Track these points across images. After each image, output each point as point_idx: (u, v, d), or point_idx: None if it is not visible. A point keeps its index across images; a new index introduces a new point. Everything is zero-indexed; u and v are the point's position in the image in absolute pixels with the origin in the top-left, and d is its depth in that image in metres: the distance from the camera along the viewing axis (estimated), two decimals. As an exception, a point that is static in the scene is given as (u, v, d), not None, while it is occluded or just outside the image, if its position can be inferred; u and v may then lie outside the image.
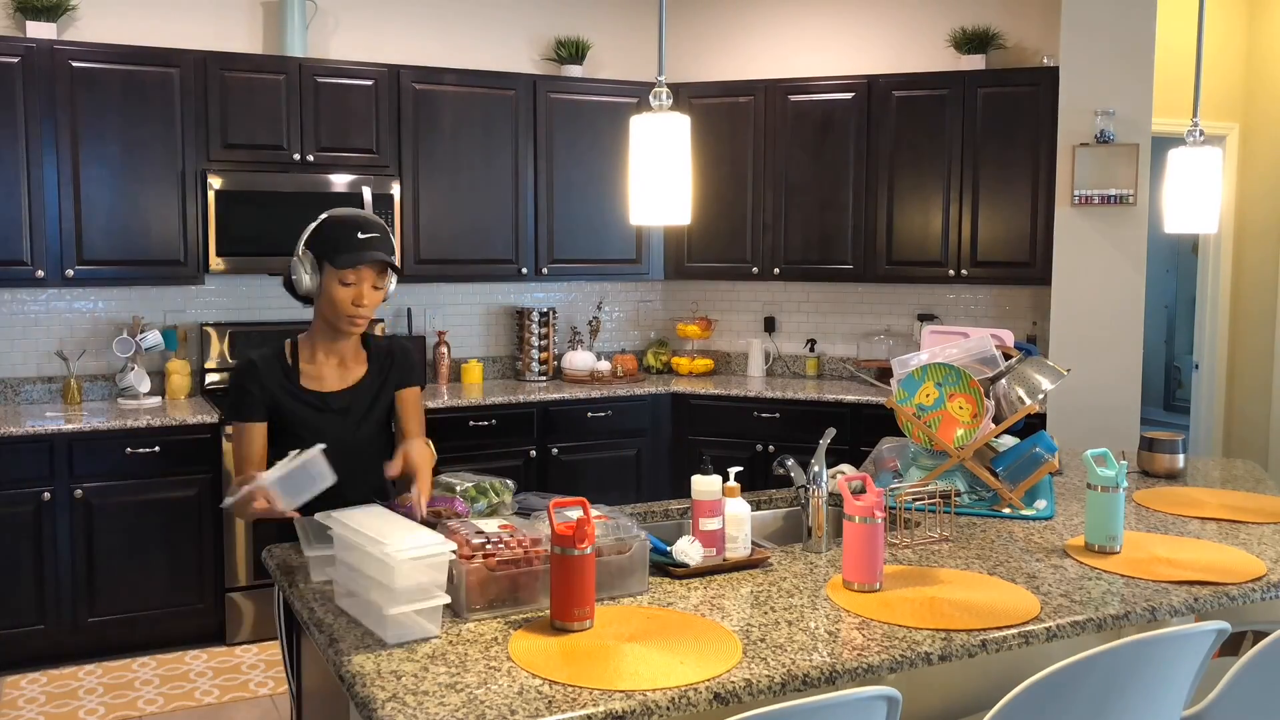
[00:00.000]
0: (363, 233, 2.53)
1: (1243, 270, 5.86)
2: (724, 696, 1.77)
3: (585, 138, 5.43)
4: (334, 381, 2.63)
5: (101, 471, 4.26)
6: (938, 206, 5.24)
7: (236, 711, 3.90)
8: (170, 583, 4.39)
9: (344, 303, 2.53)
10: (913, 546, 2.58)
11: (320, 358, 2.63)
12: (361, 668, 1.83)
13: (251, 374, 2.57)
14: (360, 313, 2.55)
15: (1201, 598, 2.23)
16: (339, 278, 2.52)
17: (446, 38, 5.49)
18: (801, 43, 5.79)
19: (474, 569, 2.05)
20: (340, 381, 2.64)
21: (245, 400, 2.56)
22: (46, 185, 4.39)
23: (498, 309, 5.67)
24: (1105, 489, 2.50)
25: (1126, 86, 4.80)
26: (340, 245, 2.52)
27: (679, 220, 2.23)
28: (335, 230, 2.54)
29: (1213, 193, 3.09)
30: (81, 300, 4.80)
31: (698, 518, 2.44)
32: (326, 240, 2.54)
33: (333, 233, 2.54)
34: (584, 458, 5.18)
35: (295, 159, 4.78)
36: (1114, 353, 4.88)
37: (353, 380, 2.65)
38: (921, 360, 3.07)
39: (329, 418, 2.59)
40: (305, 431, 2.54)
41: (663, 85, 2.20)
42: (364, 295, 2.54)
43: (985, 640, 2.00)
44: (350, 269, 2.50)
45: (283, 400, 2.57)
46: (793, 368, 5.88)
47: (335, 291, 2.53)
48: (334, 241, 2.53)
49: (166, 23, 4.90)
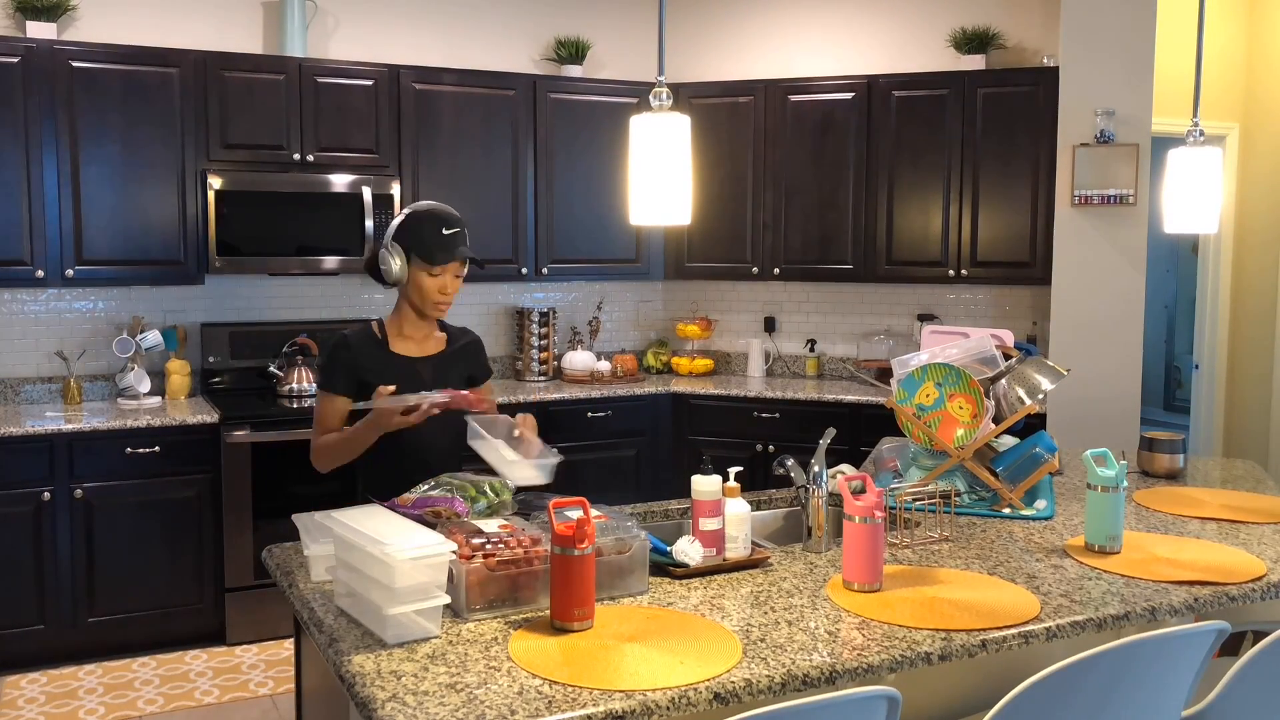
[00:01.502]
0: (447, 229, 2.83)
1: (1243, 270, 5.86)
2: (724, 696, 1.77)
3: (585, 138, 5.43)
4: (418, 350, 2.93)
5: (101, 471, 4.26)
6: (938, 206, 5.24)
7: (236, 711, 3.90)
8: (170, 583, 4.39)
9: (431, 291, 2.84)
10: (913, 546, 2.58)
11: (407, 332, 2.92)
12: (361, 668, 1.83)
13: (343, 348, 2.86)
14: (445, 299, 2.87)
15: (1201, 598, 2.23)
16: (427, 270, 2.82)
17: (446, 38, 5.49)
18: (801, 43, 5.79)
19: (474, 569, 2.05)
20: (423, 351, 2.93)
21: (334, 373, 2.85)
22: (46, 185, 4.39)
23: (498, 309, 5.67)
24: (1105, 489, 2.50)
25: (1126, 86, 4.80)
26: (428, 241, 2.81)
27: (679, 220, 2.23)
28: (423, 226, 2.84)
29: (1213, 193, 3.09)
30: (81, 300, 4.80)
31: (698, 518, 2.44)
32: (414, 235, 2.82)
33: (420, 228, 2.83)
34: (584, 458, 5.18)
35: (295, 159, 4.78)
36: (1114, 353, 4.88)
37: (437, 349, 2.95)
38: (921, 360, 3.07)
39: (417, 380, 2.84)
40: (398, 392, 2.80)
41: (663, 85, 2.20)
42: (448, 285, 2.86)
43: (985, 640, 2.00)
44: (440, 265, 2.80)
45: (373, 367, 2.83)
46: (793, 368, 5.88)
47: (423, 281, 2.83)
48: (422, 236, 2.82)
49: (166, 23, 4.90)
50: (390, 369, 2.83)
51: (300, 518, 2.43)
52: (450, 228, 2.83)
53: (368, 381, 2.80)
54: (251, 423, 4.44)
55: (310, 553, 2.31)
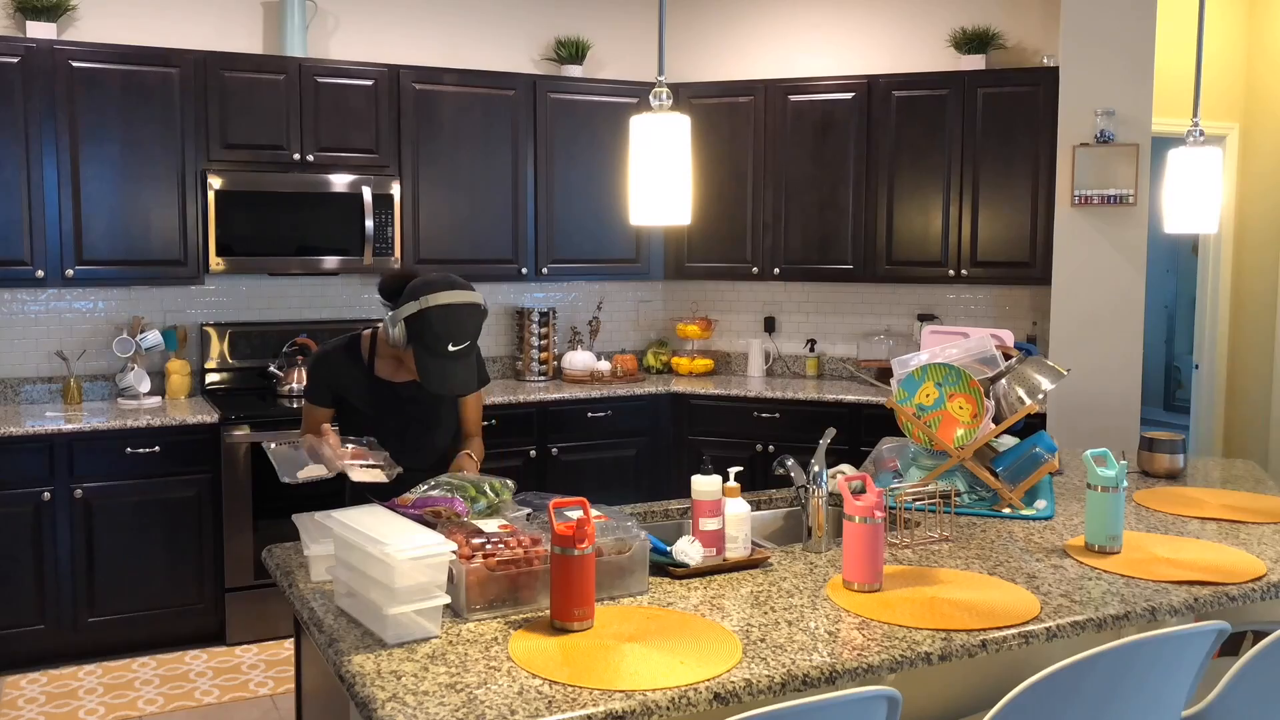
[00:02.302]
0: (454, 345, 2.67)
1: (1243, 270, 5.86)
2: (724, 696, 1.77)
3: (585, 138, 5.43)
4: (403, 374, 2.89)
5: (101, 471, 4.26)
6: (938, 206, 5.24)
7: (236, 711, 3.90)
8: (170, 583, 4.39)
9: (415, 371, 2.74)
10: (913, 546, 2.58)
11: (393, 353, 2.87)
12: (361, 668, 1.83)
13: (323, 364, 2.91)
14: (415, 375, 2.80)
15: (1201, 598, 2.23)
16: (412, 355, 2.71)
17: (446, 38, 5.49)
18: (801, 43, 5.79)
19: (474, 569, 2.05)
20: (409, 374, 2.85)
21: (315, 387, 2.92)
22: (46, 185, 4.39)
23: (498, 309, 5.67)
24: (1105, 489, 2.50)
25: (1126, 86, 4.80)
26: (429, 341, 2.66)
27: (679, 220, 2.23)
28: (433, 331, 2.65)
29: (1213, 193, 3.09)
30: (81, 300, 4.80)
31: (698, 518, 2.44)
32: (423, 331, 2.66)
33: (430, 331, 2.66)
34: (584, 458, 5.18)
35: (295, 159, 4.78)
36: (1114, 353, 4.88)
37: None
38: (921, 360, 3.07)
39: (396, 403, 2.89)
40: (371, 411, 2.89)
41: (663, 85, 2.20)
42: None
43: (985, 640, 2.00)
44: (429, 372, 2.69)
45: (352, 386, 2.89)
46: (793, 368, 5.88)
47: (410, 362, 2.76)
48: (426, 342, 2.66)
49: (166, 23, 4.90)
50: (368, 392, 2.88)
51: (300, 518, 2.43)
52: (458, 343, 2.68)
53: (343, 398, 2.90)
54: (251, 423, 4.44)
55: (310, 553, 2.31)
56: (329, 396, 2.91)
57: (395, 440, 2.83)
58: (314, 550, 2.30)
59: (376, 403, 2.89)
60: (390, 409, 2.90)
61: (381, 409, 2.89)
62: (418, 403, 2.91)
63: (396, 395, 2.89)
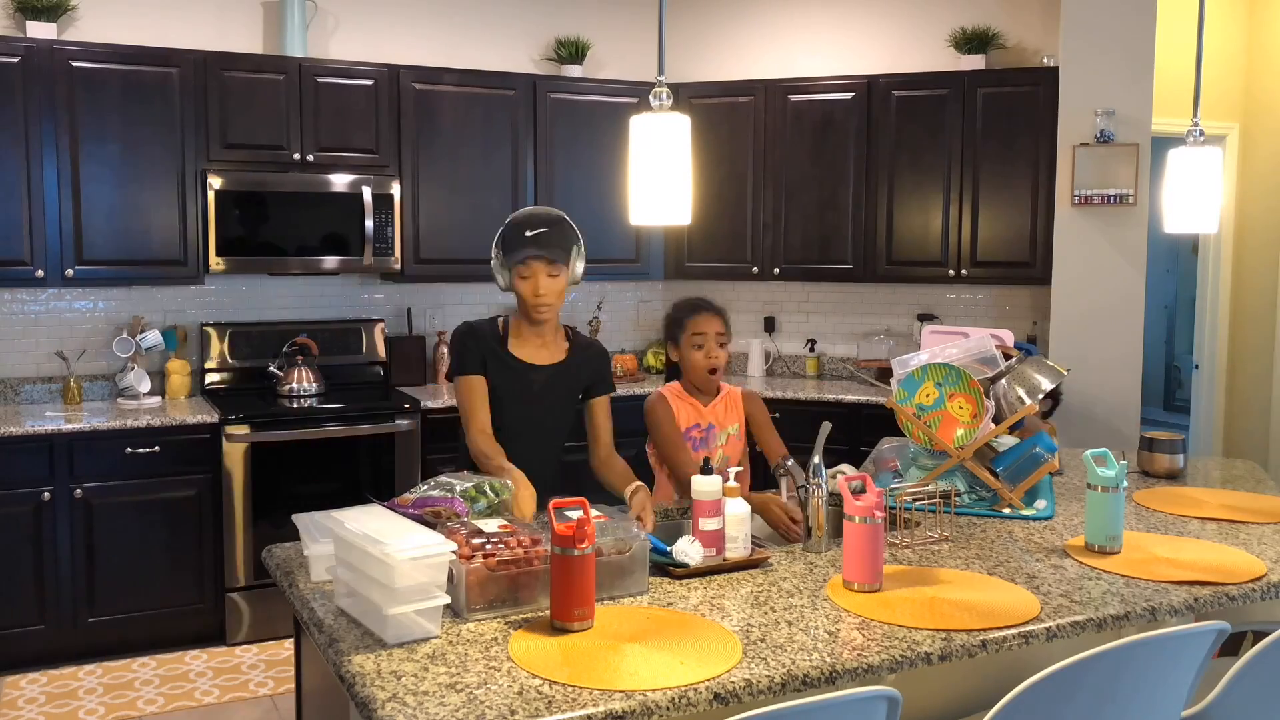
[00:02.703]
0: (530, 230, 2.81)
1: (1243, 270, 5.86)
2: (724, 696, 1.77)
3: (585, 138, 5.43)
4: (537, 356, 2.94)
5: (101, 471, 4.26)
6: (938, 206, 5.24)
7: (236, 711, 3.90)
8: (170, 583, 4.39)
9: (526, 293, 2.84)
10: (913, 546, 2.58)
11: (525, 334, 2.93)
12: (361, 668, 1.83)
13: (471, 334, 2.92)
14: (541, 301, 2.84)
15: (1201, 598, 2.23)
16: (517, 273, 2.83)
17: (446, 38, 5.49)
18: (801, 43, 5.79)
19: (474, 569, 2.05)
20: (542, 358, 2.94)
21: (466, 356, 2.89)
22: (46, 185, 4.39)
23: (497, 309, 5.66)
24: (1105, 489, 2.50)
25: (1126, 86, 4.80)
26: (511, 244, 2.84)
27: (679, 220, 2.23)
28: (509, 230, 2.86)
29: (1213, 193, 3.09)
30: (81, 300, 4.80)
31: (698, 518, 2.44)
32: (505, 239, 2.86)
33: (508, 232, 2.86)
34: (584, 458, 5.17)
35: (295, 159, 4.78)
36: (1114, 353, 4.88)
37: (554, 359, 2.96)
38: (921, 360, 3.07)
39: (526, 385, 2.91)
40: (504, 391, 2.89)
41: (663, 85, 2.20)
42: (540, 285, 2.82)
43: (985, 640, 2.00)
44: (521, 264, 2.81)
45: (492, 362, 2.90)
46: (793, 368, 5.88)
47: (517, 285, 2.86)
48: (507, 241, 2.85)
49: (166, 23, 4.90)
50: (505, 369, 2.91)
51: (300, 518, 2.43)
52: (534, 228, 2.81)
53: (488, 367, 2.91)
54: (251, 423, 4.44)
55: (310, 553, 2.31)
56: (481, 365, 2.89)
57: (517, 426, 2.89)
58: (314, 550, 2.31)
59: (510, 381, 2.90)
60: (522, 391, 2.90)
61: (514, 389, 2.90)
62: (550, 391, 2.94)
63: (529, 378, 2.92)
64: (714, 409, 3.28)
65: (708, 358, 3.18)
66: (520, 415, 2.93)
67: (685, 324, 3.21)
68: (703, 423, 3.27)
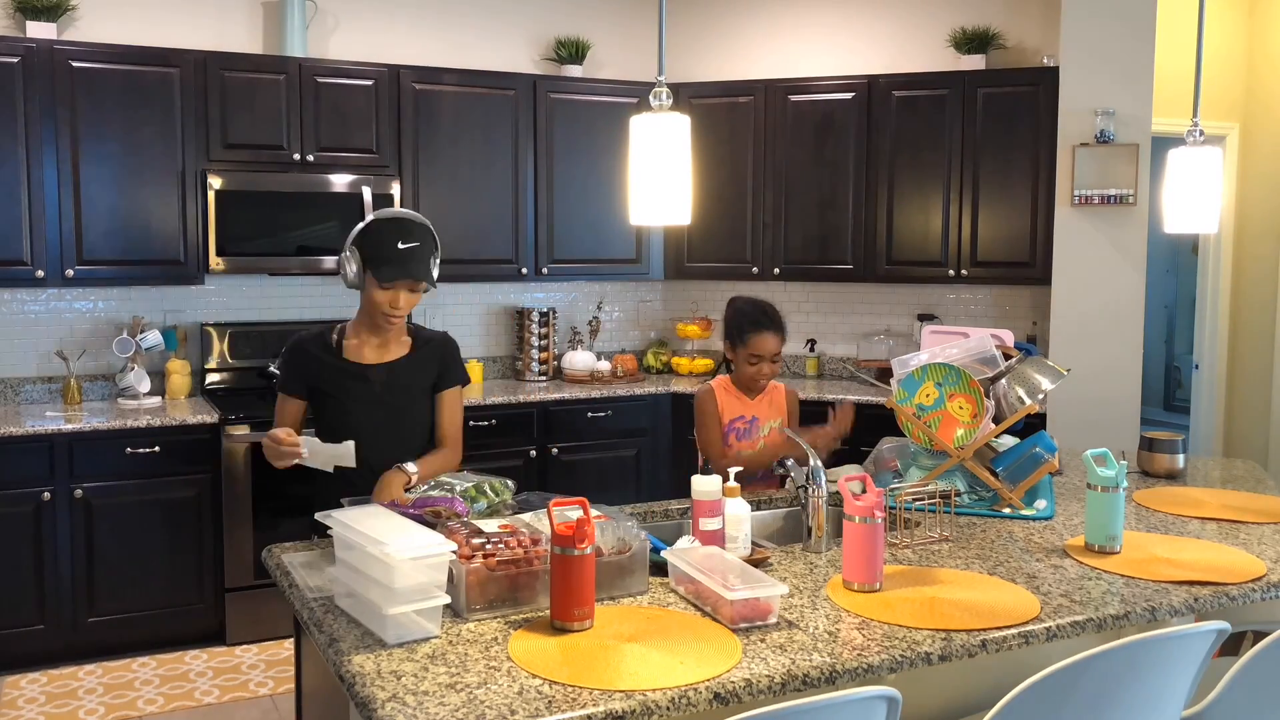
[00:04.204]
0: (403, 243, 2.73)
1: (1243, 270, 5.85)
2: (724, 696, 1.77)
3: (585, 138, 5.43)
4: (374, 357, 2.88)
5: (101, 471, 4.26)
6: (938, 206, 5.24)
7: (236, 711, 3.90)
8: (170, 583, 4.39)
9: (382, 304, 2.78)
10: (913, 546, 2.58)
11: (364, 336, 2.88)
12: (361, 668, 1.83)
13: (295, 352, 2.90)
14: (395, 314, 2.80)
15: (1201, 598, 2.23)
16: (378, 283, 2.75)
17: (446, 38, 5.49)
18: (801, 43, 5.79)
19: (474, 569, 2.05)
20: (380, 357, 2.88)
21: (287, 376, 2.91)
22: (46, 185, 4.39)
23: (498, 309, 5.67)
24: (1105, 489, 2.50)
25: (1126, 86, 4.80)
26: (381, 255, 2.74)
27: (679, 220, 2.23)
28: (378, 236, 2.76)
29: (1213, 193, 3.09)
30: (81, 300, 4.80)
31: (698, 518, 2.44)
32: (371, 245, 2.76)
33: (376, 238, 2.76)
34: (584, 458, 5.18)
35: (295, 159, 4.78)
36: (1114, 353, 4.88)
37: (392, 357, 2.89)
38: (921, 360, 3.07)
39: (367, 386, 2.84)
40: (345, 397, 2.84)
41: (663, 85, 2.20)
42: (399, 300, 2.78)
43: (985, 640, 2.00)
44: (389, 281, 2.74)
45: (324, 372, 2.85)
46: (793, 368, 5.88)
47: (374, 294, 2.78)
48: (376, 248, 2.75)
49: (166, 23, 4.90)
50: (341, 375, 2.84)
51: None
52: (408, 241, 2.73)
53: (318, 387, 2.87)
54: (251, 423, 4.44)
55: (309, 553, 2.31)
56: (302, 387, 2.88)
57: (369, 432, 2.78)
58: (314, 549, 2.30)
59: (349, 387, 2.83)
60: (362, 394, 2.83)
61: (353, 394, 2.83)
62: (391, 390, 2.85)
63: (368, 379, 2.84)
64: (759, 403, 3.37)
65: (759, 375, 3.29)
66: (368, 417, 2.83)
67: (748, 339, 3.27)
68: (747, 415, 3.35)
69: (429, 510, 2.37)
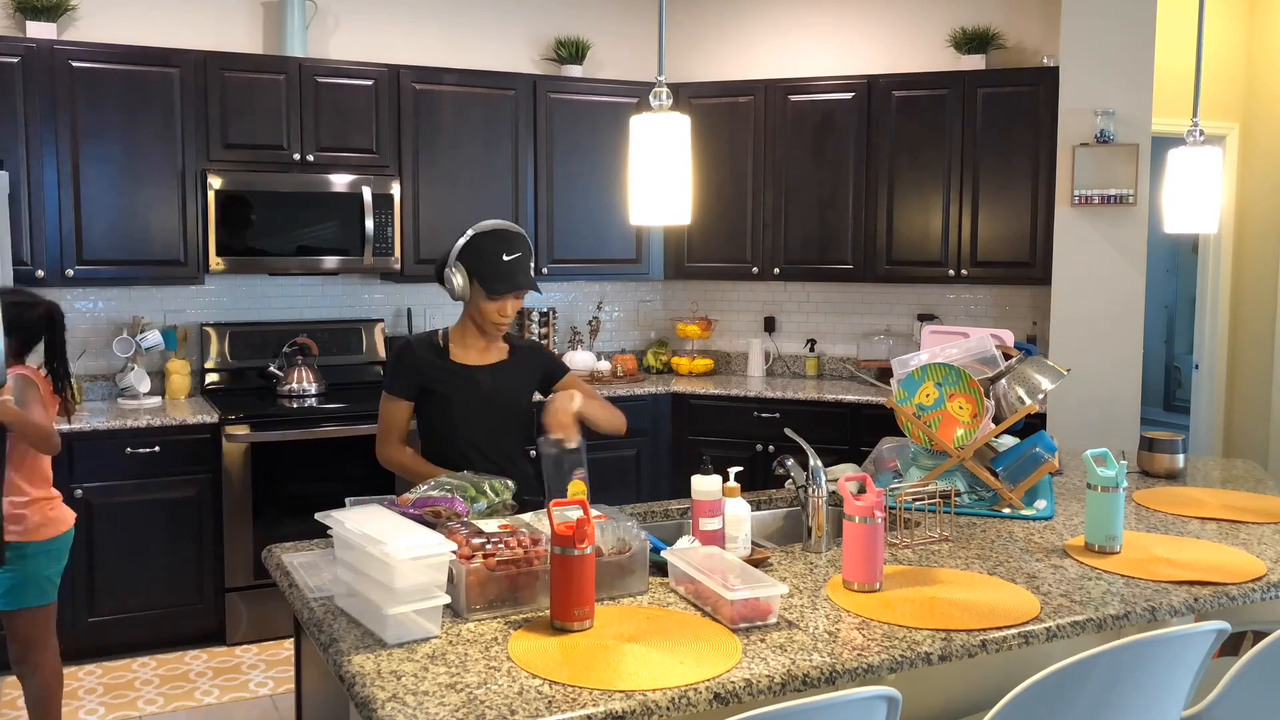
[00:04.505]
0: (508, 254, 2.87)
1: (1243, 270, 5.85)
2: (724, 696, 1.77)
3: (585, 138, 5.43)
4: (481, 359, 3.00)
5: (101, 471, 4.26)
6: (938, 206, 5.24)
7: (236, 711, 3.90)
8: (170, 583, 4.39)
9: (490, 314, 2.92)
10: (913, 546, 2.58)
11: (470, 342, 3.00)
12: (361, 668, 1.83)
13: (405, 353, 2.98)
14: (504, 321, 2.94)
15: (1201, 598, 2.23)
16: (486, 295, 2.88)
17: (446, 38, 5.49)
18: (801, 43, 5.79)
19: (474, 569, 2.05)
20: (484, 360, 3.01)
21: (396, 377, 2.98)
22: (46, 185, 4.39)
23: (498, 309, 5.66)
24: (1105, 489, 2.50)
25: (1126, 86, 4.80)
26: (487, 269, 2.86)
27: (679, 220, 2.23)
28: (482, 250, 2.88)
29: (1213, 193, 3.09)
30: (81, 300, 4.80)
31: (698, 518, 2.44)
32: (477, 258, 2.88)
33: (480, 252, 2.88)
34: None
35: (295, 159, 4.78)
36: (1114, 353, 4.88)
37: (498, 359, 3.03)
38: (921, 360, 3.07)
39: (475, 388, 2.96)
40: (454, 398, 2.94)
41: (663, 85, 2.20)
42: (507, 308, 2.92)
43: (985, 640, 2.00)
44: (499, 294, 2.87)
45: (433, 374, 2.95)
46: (793, 368, 5.88)
47: (482, 304, 2.91)
48: (481, 262, 2.87)
49: (166, 23, 4.90)
50: (450, 377, 2.95)
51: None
52: (511, 253, 2.88)
53: (427, 387, 2.95)
54: (251, 423, 4.44)
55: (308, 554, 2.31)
56: (412, 388, 2.96)
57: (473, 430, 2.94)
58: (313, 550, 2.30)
59: (459, 387, 2.94)
60: (471, 394, 2.95)
61: (463, 394, 2.94)
62: (499, 393, 2.98)
63: (477, 382, 2.96)
64: None
65: None
66: (474, 417, 2.97)
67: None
68: None
69: (429, 510, 2.37)
